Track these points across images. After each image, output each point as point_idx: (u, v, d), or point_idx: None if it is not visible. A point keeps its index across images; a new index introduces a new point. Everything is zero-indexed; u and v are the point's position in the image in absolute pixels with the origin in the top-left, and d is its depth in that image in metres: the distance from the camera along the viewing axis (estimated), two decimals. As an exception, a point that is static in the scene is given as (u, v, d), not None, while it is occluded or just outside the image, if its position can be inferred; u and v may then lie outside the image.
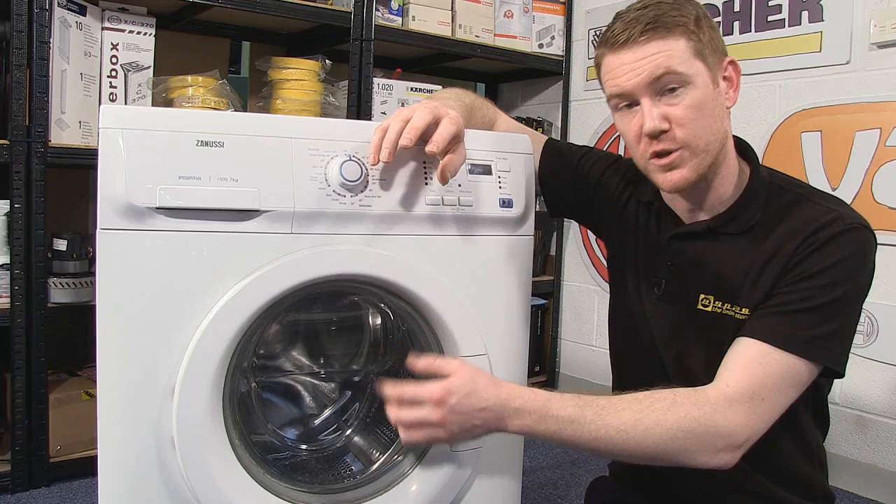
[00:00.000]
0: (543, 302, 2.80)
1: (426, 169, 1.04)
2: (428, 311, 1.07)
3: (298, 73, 2.09)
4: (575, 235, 2.76)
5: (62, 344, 1.95)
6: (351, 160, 0.99)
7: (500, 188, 1.11)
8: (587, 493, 1.24)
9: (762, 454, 0.95)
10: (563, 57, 2.72)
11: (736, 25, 2.21)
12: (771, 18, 2.13)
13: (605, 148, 2.61)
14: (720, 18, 2.24)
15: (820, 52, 2.03)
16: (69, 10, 1.81)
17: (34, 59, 1.73)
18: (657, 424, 0.88)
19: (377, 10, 2.22)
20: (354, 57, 2.20)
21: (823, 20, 2.01)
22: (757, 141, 2.13)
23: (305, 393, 1.34)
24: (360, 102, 2.21)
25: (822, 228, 0.94)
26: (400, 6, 2.29)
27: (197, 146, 0.93)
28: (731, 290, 0.99)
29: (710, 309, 1.01)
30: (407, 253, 1.04)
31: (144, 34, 1.96)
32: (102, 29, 1.90)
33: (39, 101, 1.75)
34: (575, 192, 1.22)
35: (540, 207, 1.22)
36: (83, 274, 1.88)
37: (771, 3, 2.13)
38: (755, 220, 0.99)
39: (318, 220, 0.99)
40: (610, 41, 0.97)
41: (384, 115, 2.24)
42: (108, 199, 0.90)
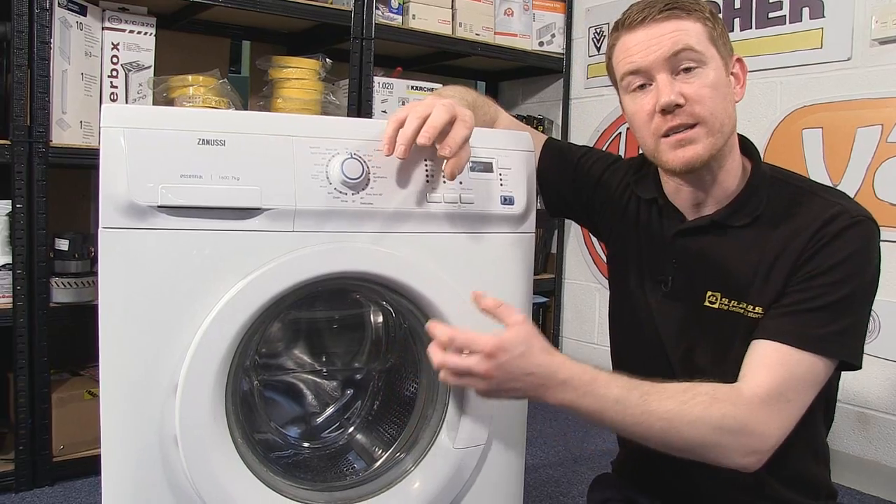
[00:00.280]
0: (545, 300, 2.80)
1: (428, 166, 1.04)
2: (430, 308, 1.07)
3: (299, 72, 2.09)
4: (576, 233, 2.76)
5: (64, 344, 1.95)
6: (352, 158, 0.99)
7: (501, 185, 1.11)
8: (590, 490, 1.24)
9: None
10: (563, 55, 2.72)
11: (737, 22, 2.21)
12: (772, 15, 2.13)
13: (605, 146, 2.61)
14: (721, 15, 2.23)
15: (821, 48, 2.02)
16: (70, 10, 1.81)
17: (35, 59, 1.73)
18: (699, 419, 0.87)
19: (377, 8, 2.22)
20: (355, 56, 2.20)
21: (824, 16, 2.01)
22: (758, 137, 2.13)
23: (307, 391, 1.34)
24: (360, 101, 2.21)
25: (828, 223, 0.94)
26: (400, 5, 2.29)
27: (198, 145, 0.93)
28: (738, 287, 0.99)
29: (717, 306, 1.01)
30: (408, 250, 1.04)
31: (145, 34, 1.96)
32: (103, 29, 1.91)
33: (40, 101, 1.75)
34: (574, 191, 1.22)
35: (541, 206, 1.22)
36: (85, 273, 1.88)
37: (771, -1, 2.13)
38: (759, 211, 1.00)
39: (319, 218, 0.99)
40: (626, 23, 0.98)
41: (385, 113, 2.24)
42: (109, 198, 0.90)
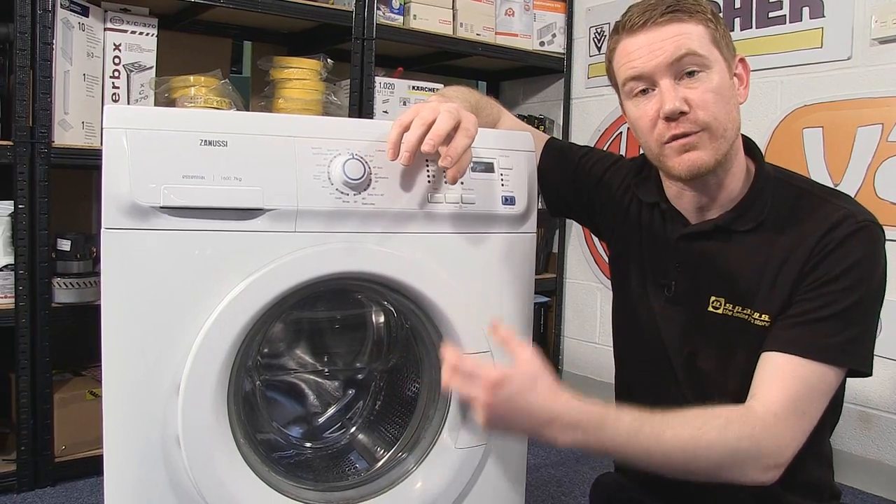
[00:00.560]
0: (546, 299, 2.80)
1: (429, 167, 1.05)
2: (431, 308, 1.07)
3: (300, 72, 2.10)
4: (577, 233, 2.76)
5: (66, 344, 1.95)
6: (354, 159, 0.99)
7: (502, 185, 1.11)
8: (592, 489, 1.25)
9: None
10: (564, 55, 2.72)
11: (737, 22, 2.21)
12: (772, 15, 2.13)
13: (606, 146, 2.61)
14: (721, 15, 2.23)
15: (821, 47, 2.02)
16: (72, 11, 1.81)
17: (37, 60, 1.73)
18: (715, 444, 0.86)
19: (378, 9, 2.22)
20: (356, 56, 2.20)
21: (824, 16, 2.01)
22: (759, 137, 2.13)
23: (309, 391, 1.35)
24: (361, 101, 2.21)
25: (834, 228, 0.93)
26: (401, 5, 2.29)
27: (200, 146, 0.93)
28: (743, 293, 0.98)
29: (721, 311, 1.00)
30: (410, 251, 1.05)
31: (146, 34, 1.96)
32: (105, 30, 1.91)
33: (43, 101, 1.75)
34: (575, 191, 1.22)
35: (542, 205, 1.23)
36: (87, 274, 1.88)
37: (772, -1, 2.13)
38: (763, 215, 0.99)
39: (321, 218, 0.99)
40: (627, 26, 0.96)
41: (386, 113, 2.24)
42: (112, 198, 0.90)
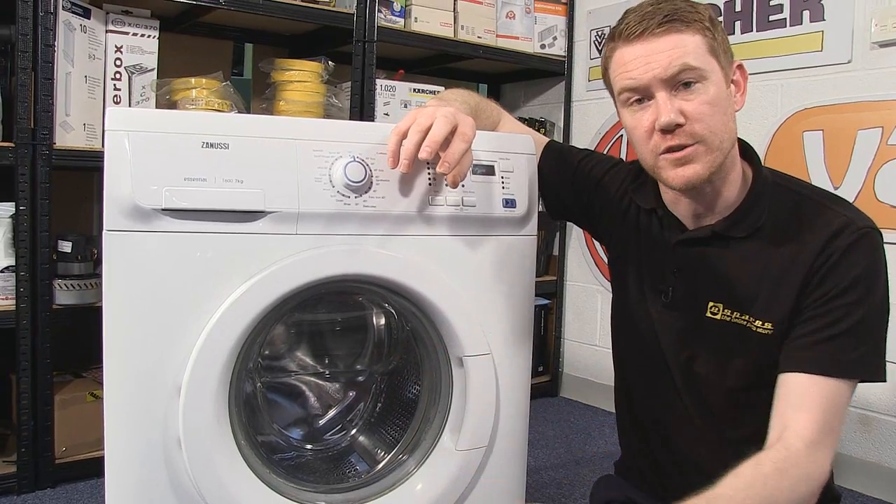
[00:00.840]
0: (546, 302, 2.81)
1: (430, 170, 1.05)
2: (432, 310, 1.07)
3: (301, 74, 2.10)
4: (578, 235, 2.76)
5: (67, 345, 1.95)
6: (355, 161, 1.00)
7: (503, 188, 1.11)
8: (592, 491, 1.25)
9: None
10: (564, 57, 2.72)
11: (737, 25, 2.21)
12: (772, 18, 2.13)
13: (606, 148, 2.61)
14: (721, 18, 2.24)
15: (821, 51, 2.03)
16: (73, 13, 1.82)
17: (39, 62, 1.74)
18: (786, 494, 0.87)
19: (379, 11, 2.22)
20: (357, 58, 2.20)
21: (824, 19, 2.02)
22: (759, 140, 2.13)
23: (310, 393, 1.35)
24: (363, 104, 2.22)
25: (835, 237, 0.94)
26: (402, 7, 2.30)
27: (202, 148, 0.94)
28: (741, 299, 0.99)
29: (719, 317, 1.00)
30: (411, 253, 1.05)
31: (148, 37, 1.96)
32: (106, 32, 1.91)
33: (44, 103, 1.75)
34: (574, 193, 1.22)
35: (542, 208, 1.23)
36: (88, 275, 1.88)
37: (772, 2, 2.13)
38: (761, 222, 0.99)
39: (322, 220, 0.99)
40: (624, 34, 0.95)
41: (387, 116, 2.25)
42: (114, 200, 0.91)
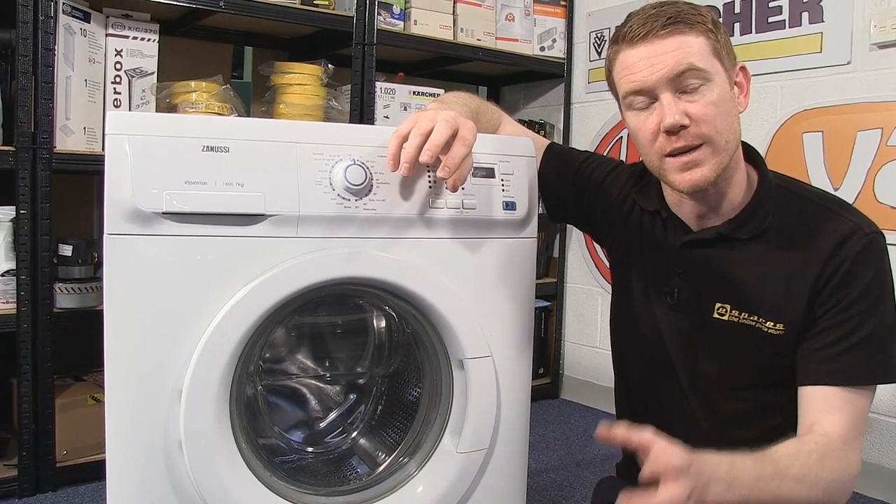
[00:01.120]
0: (547, 304, 2.81)
1: (430, 173, 1.05)
2: (432, 313, 1.07)
3: (301, 77, 2.10)
4: (578, 237, 2.77)
5: (68, 349, 1.95)
6: (355, 164, 1.00)
7: (503, 191, 1.11)
8: (594, 493, 1.25)
9: None
10: (564, 59, 2.73)
11: (737, 27, 2.21)
12: (771, 19, 2.14)
13: (606, 150, 2.61)
14: (721, 20, 2.24)
15: (820, 52, 2.03)
16: (73, 17, 1.82)
17: (39, 66, 1.74)
18: (827, 478, 0.88)
19: (379, 14, 2.23)
20: (357, 61, 2.21)
21: (824, 21, 2.02)
22: (759, 141, 2.13)
23: (311, 396, 1.35)
24: (362, 106, 2.22)
25: (844, 243, 0.95)
26: (402, 10, 2.30)
27: (203, 151, 0.94)
28: (749, 299, 0.99)
29: (726, 318, 1.00)
30: (411, 256, 1.05)
31: (148, 40, 1.97)
32: (106, 35, 1.92)
33: (44, 107, 1.76)
34: (575, 195, 1.22)
35: (542, 210, 1.23)
36: (88, 279, 1.89)
37: (771, 4, 2.13)
38: (765, 224, 0.99)
39: (322, 223, 0.99)
40: (627, 36, 0.95)
41: (387, 118, 2.25)
42: (115, 204, 0.91)
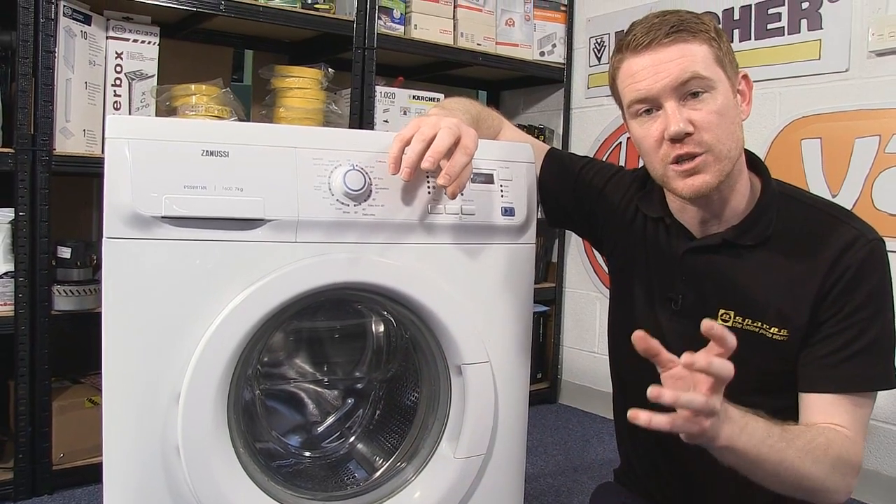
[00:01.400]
0: (545, 309, 2.81)
1: (430, 179, 1.05)
2: (431, 318, 1.07)
3: (301, 81, 2.10)
4: (577, 242, 2.77)
5: (65, 351, 1.95)
6: (354, 169, 1.00)
7: (502, 197, 1.11)
8: (591, 499, 1.25)
9: None
10: (564, 65, 2.73)
11: (736, 33, 2.22)
12: (770, 26, 2.14)
13: (605, 156, 2.62)
14: (721, 27, 2.24)
15: (819, 59, 2.04)
16: (74, 19, 1.82)
17: (39, 68, 1.74)
18: (833, 455, 0.89)
19: (379, 18, 2.23)
20: (357, 65, 2.21)
21: (822, 28, 2.03)
22: (757, 148, 2.14)
23: (309, 400, 1.35)
24: (362, 110, 2.22)
25: (847, 250, 0.96)
26: (402, 15, 2.31)
27: (202, 156, 0.94)
28: (753, 306, 1.00)
29: (731, 324, 1.00)
30: (410, 261, 1.05)
31: (148, 43, 1.97)
32: (107, 38, 1.92)
33: (44, 109, 1.76)
34: (576, 201, 1.22)
35: (541, 215, 1.23)
36: (87, 281, 1.88)
37: (770, 11, 2.14)
38: (769, 231, 1.00)
39: (321, 228, 1.00)
40: (631, 45, 0.96)
41: (387, 122, 2.25)
42: (114, 208, 0.91)
